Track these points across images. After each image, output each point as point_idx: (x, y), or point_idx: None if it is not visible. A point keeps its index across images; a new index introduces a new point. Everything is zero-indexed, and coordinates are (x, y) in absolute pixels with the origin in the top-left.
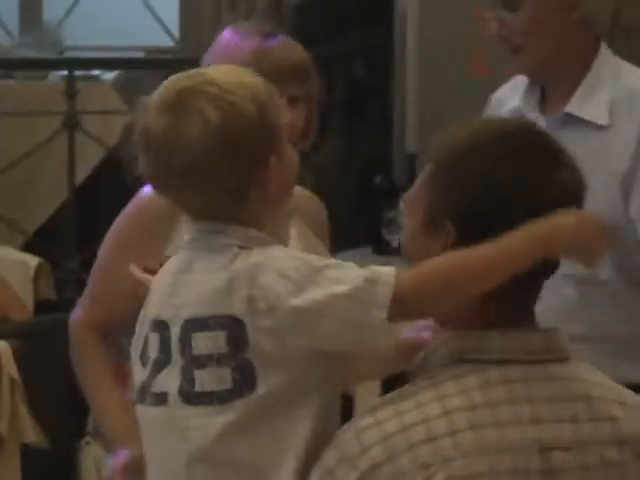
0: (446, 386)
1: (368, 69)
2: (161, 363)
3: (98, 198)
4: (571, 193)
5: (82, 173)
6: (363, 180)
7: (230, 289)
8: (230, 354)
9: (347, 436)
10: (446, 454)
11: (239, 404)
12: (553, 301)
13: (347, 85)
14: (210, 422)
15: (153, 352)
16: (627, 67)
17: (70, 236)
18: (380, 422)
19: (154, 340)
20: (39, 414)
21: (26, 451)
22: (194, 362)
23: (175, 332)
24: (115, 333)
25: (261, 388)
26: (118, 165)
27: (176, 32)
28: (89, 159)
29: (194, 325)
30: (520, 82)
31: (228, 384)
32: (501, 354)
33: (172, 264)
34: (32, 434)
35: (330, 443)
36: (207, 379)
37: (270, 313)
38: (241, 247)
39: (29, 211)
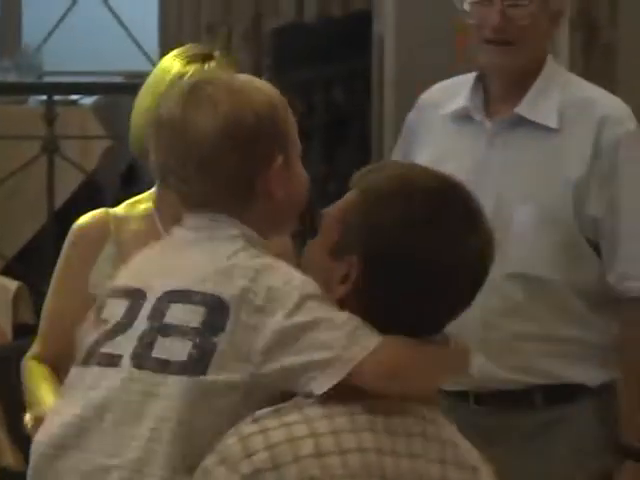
0: (334, 405)
1: (348, 94)
2: (122, 327)
3: None
4: (480, 260)
5: (61, 197)
6: None
7: (229, 274)
8: (199, 331)
9: (229, 441)
10: (335, 472)
11: (182, 380)
12: (497, 299)
13: (327, 110)
14: (153, 389)
15: (114, 317)
16: (574, 77)
17: (49, 260)
18: (266, 430)
19: (120, 306)
20: (17, 437)
21: (4, 474)
22: (160, 329)
23: (151, 301)
24: None
25: (210, 376)
26: (97, 189)
27: (155, 57)
28: (68, 183)
29: (176, 296)
30: (459, 84)
31: (183, 356)
32: None
33: (163, 244)
34: (10, 457)
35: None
36: (167, 347)
37: (261, 312)
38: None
39: (8, 235)
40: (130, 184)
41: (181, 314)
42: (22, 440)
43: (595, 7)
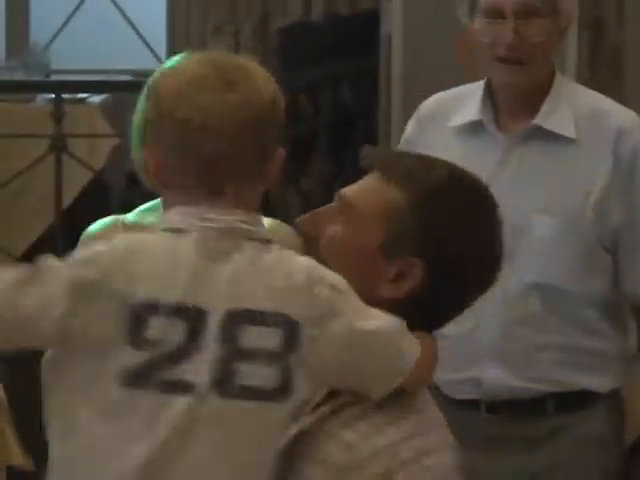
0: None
1: (355, 93)
2: (186, 351)
3: (85, 221)
4: (499, 262)
5: (69, 196)
6: None
7: (287, 288)
8: (281, 354)
9: (333, 448)
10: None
11: (276, 407)
12: (515, 310)
13: (334, 109)
14: (243, 419)
15: (171, 339)
16: (580, 87)
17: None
18: (365, 435)
19: (174, 327)
20: (25, 437)
21: (12, 473)
22: (240, 354)
23: (215, 321)
24: None
25: (297, 395)
26: (105, 188)
27: (163, 55)
28: (76, 182)
29: (247, 317)
30: (463, 95)
31: (273, 383)
32: None
33: (184, 249)
34: (18, 456)
35: (302, 457)
36: (252, 373)
37: (320, 323)
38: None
39: (16, 234)
40: (138, 182)
41: (259, 338)
42: (31, 440)
43: (602, 8)
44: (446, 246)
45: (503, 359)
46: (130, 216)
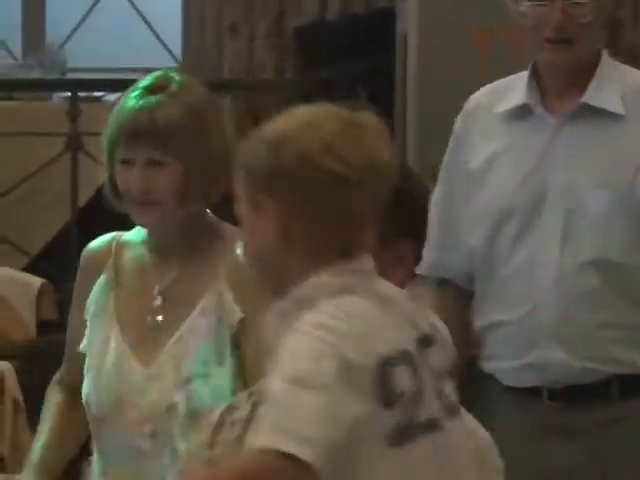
0: None
1: (371, 92)
2: (419, 392)
3: (101, 219)
4: None
5: (85, 194)
6: None
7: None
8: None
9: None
10: None
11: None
12: (573, 288)
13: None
14: (461, 436)
15: (407, 387)
16: (627, 67)
17: (72, 257)
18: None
19: (404, 374)
20: None
21: None
22: (438, 377)
23: (417, 356)
24: None
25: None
26: None
27: (178, 53)
28: (92, 180)
29: (423, 342)
30: (508, 83)
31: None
32: None
33: (365, 304)
34: None
35: None
36: (450, 390)
37: None
38: None
39: (32, 232)
40: None
41: (436, 357)
42: None
43: (619, 9)
44: (419, 223)
45: (563, 340)
46: (128, 233)
